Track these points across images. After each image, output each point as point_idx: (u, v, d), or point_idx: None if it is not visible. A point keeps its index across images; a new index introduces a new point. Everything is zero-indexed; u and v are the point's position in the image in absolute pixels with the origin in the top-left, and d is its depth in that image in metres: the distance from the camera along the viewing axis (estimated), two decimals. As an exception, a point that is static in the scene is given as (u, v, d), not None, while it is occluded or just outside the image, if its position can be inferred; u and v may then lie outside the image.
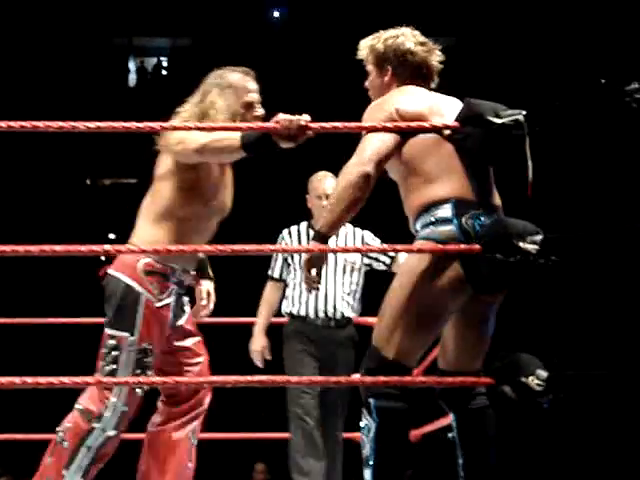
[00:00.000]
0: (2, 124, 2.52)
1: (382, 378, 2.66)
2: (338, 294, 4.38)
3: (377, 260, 4.44)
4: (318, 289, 2.79)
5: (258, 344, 4.41)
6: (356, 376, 3.28)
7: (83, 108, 13.12)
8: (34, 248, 2.49)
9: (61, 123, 2.48)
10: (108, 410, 2.97)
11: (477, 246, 2.60)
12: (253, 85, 3.19)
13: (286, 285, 4.49)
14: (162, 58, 15.72)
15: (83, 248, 2.47)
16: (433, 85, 2.96)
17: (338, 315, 4.38)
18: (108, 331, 3.05)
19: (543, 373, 2.48)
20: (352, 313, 4.43)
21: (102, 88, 14.35)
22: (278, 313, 4.51)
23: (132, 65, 15.66)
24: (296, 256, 4.38)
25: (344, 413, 4.42)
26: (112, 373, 2.99)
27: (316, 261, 2.72)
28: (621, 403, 10.96)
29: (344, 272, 4.40)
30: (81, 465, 2.97)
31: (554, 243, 2.53)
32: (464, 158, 2.76)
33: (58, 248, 2.49)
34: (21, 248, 2.50)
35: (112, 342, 3.02)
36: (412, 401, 2.76)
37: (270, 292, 4.48)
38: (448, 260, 2.68)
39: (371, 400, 2.74)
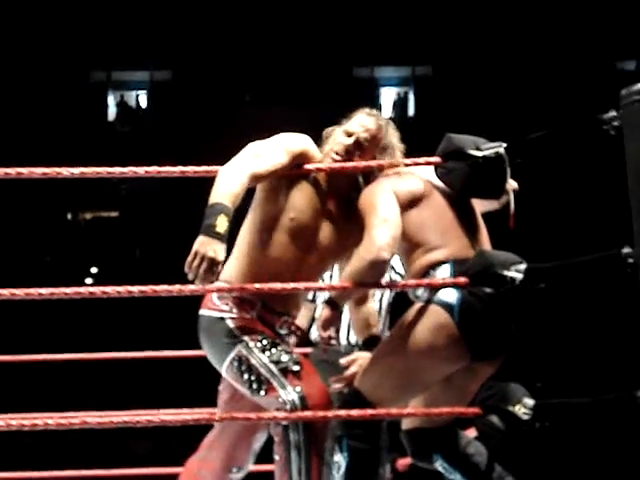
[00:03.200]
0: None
1: (369, 411, 2.67)
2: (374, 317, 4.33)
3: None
4: (334, 344, 2.82)
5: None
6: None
7: (63, 144, 13.14)
8: (19, 292, 2.48)
9: (45, 169, 2.47)
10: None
11: (463, 279, 2.62)
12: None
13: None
14: (141, 92, 15.74)
15: (68, 290, 2.46)
16: None
17: (361, 341, 4.32)
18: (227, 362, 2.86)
19: (529, 401, 2.49)
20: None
21: (81, 123, 14.36)
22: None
23: (111, 99, 15.67)
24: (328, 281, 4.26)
25: None
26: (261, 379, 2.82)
27: (330, 323, 2.76)
28: (605, 430, 10.98)
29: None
30: None
31: (538, 272, 2.56)
32: (456, 210, 2.81)
33: (43, 291, 2.47)
34: (5, 291, 2.48)
35: (235, 363, 2.84)
36: (380, 443, 2.83)
37: (303, 311, 4.22)
38: (446, 325, 2.69)
39: (344, 438, 2.80)
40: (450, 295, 2.69)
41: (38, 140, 13.17)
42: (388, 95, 15.43)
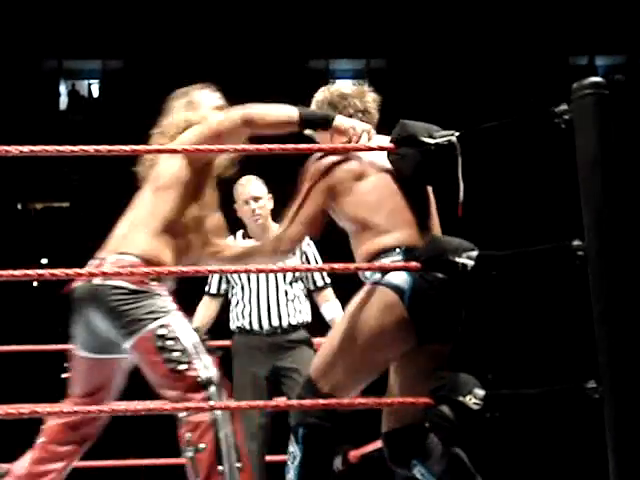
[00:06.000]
0: None
1: (321, 401, 2.66)
2: (281, 303, 4.41)
3: (306, 278, 4.48)
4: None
5: None
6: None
7: (13, 132, 12.97)
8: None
9: (-7, 148, 2.44)
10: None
11: (415, 264, 2.62)
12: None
13: (228, 302, 4.50)
14: (93, 81, 15.59)
15: (17, 273, 2.42)
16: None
17: (284, 324, 4.40)
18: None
19: (480, 392, 2.50)
20: (300, 319, 4.45)
21: (33, 111, 14.20)
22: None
23: (63, 88, 15.51)
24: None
25: None
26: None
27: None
28: (555, 421, 11.09)
29: (284, 281, 4.42)
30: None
31: (490, 260, 2.56)
32: (407, 195, 2.82)
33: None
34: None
35: (161, 331, 2.83)
36: (338, 432, 2.84)
37: (204, 305, 4.49)
38: (395, 306, 2.73)
39: (299, 429, 2.81)
40: (400, 278, 2.73)
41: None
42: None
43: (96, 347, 2.92)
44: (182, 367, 2.77)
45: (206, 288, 4.53)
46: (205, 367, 2.77)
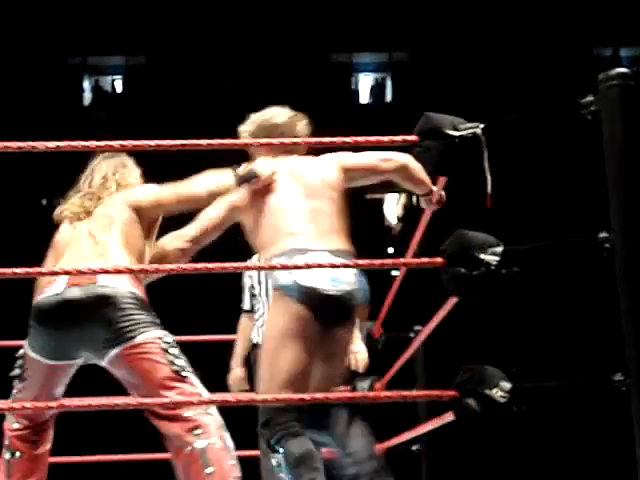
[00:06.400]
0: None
1: (349, 394, 2.66)
2: None
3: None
4: None
5: (235, 376, 4.65)
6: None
7: (39, 129, 13.03)
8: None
9: (20, 143, 2.46)
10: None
11: (440, 259, 2.61)
12: None
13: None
14: (117, 77, 15.64)
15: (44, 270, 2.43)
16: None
17: None
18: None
19: (507, 385, 2.49)
20: None
21: (57, 108, 14.26)
22: None
23: (87, 84, 15.57)
24: (259, 287, 4.58)
25: None
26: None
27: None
28: (579, 415, 11.04)
29: None
30: None
31: (514, 255, 2.55)
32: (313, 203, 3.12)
33: (19, 270, 2.46)
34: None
35: (167, 339, 3.02)
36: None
37: (243, 324, 4.68)
38: (292, 306, 2.98)
39: (273, 441, 2.99)
40: (287, 277, 3.00)
41: (14, 125, 13.05)
42: (365, 81, 15.42)
43: (60, 354, 3.01)
44: (185, 374, 2.94)
45: (241, 305, 4.72)
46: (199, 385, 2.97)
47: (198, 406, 2.90)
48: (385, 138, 2.73)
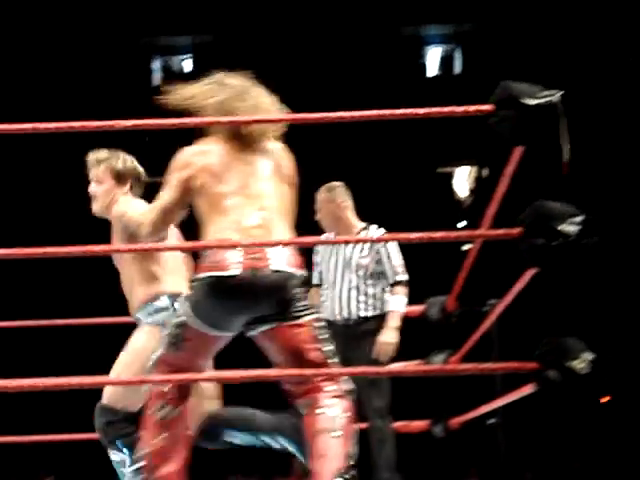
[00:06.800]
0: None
1: (424, 367, 2.65)
2: (352, 297, 4.70)
3: (383, 274, 4.74)
4: None
5: None
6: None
7: (110, 110, 13.18)
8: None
9: (98, 122, 2.48)
10: None
11: (517, 230, 2.58)
12: None
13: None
14: (185, 56, 15.72)
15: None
16: None
17: (354, 316, 4.70)
18: None
19: (588, 356, 2.46)
20: (372, 312, 4.72)
21: (127, 89, 14.40)
22: None
23: (156, 64, 15.68)
24: (323, 264, 4.78)
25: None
26: None
27: None
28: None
29: (357, 277, 4.71)
30: None
31: (594, 224, 2.51)
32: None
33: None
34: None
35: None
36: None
37: (310, 297, 4.74)
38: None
39: (116, 441, 3.44)
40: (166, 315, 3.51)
41: (87, 107, 13.21)
42: (434, 53, 15.30)
43: (228, 327, 3.06)
44: (330, 361, 3.10)
45: (311, 280, 4.83)
46: None
47: (336, 387, 3.05)
48: (459, 109, 2.71)
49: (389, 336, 4.61)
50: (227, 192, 2.98)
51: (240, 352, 3.83)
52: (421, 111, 2.76)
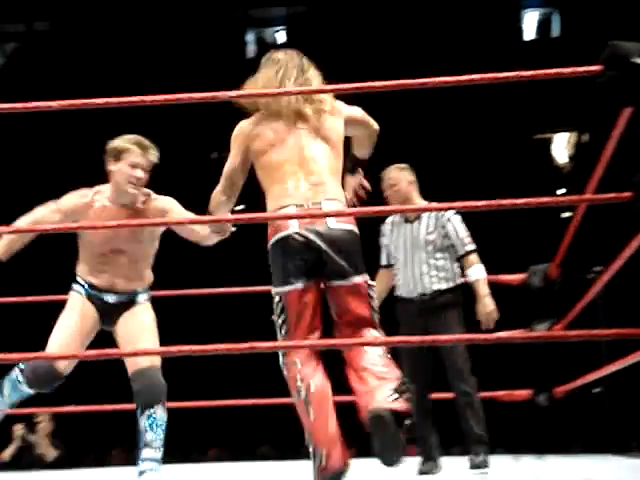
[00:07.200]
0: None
1: (530, 335, 2.60)
2: (424, 272, 4.82)
3: (453, 247, 4.84)
4: None
5: None
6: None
7: (203, 82, 13.30)
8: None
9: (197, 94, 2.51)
10: None
11: (627, 194, 2.50)
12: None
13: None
14: (279, 27, 15.75)
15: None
16: None
17: (428, 291, 4.80)
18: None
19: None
20: (445, 284, 4.82)
21: (221, 61, 14.50)
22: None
23: (250, 37, 15.75)
24: (391, 245, 4.93)
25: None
26: None
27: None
28: None
29: (427, 252, 4.84)
30: None
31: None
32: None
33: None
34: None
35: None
36: None
37: (379, 278, 4.97)
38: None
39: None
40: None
41: (183, 79, 13.35)
42: (531, 17, 15.06)
43: (311, 275, 3.22)
44: (376, 318, 3.24)
45: (380, 262, 5.02)
46: None
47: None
48: (566, 70, 2.64)
49: (485, 303, 4.69)
50: (281, 160, 3.29)
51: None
52: (526, 73, 2.70)
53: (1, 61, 15.64)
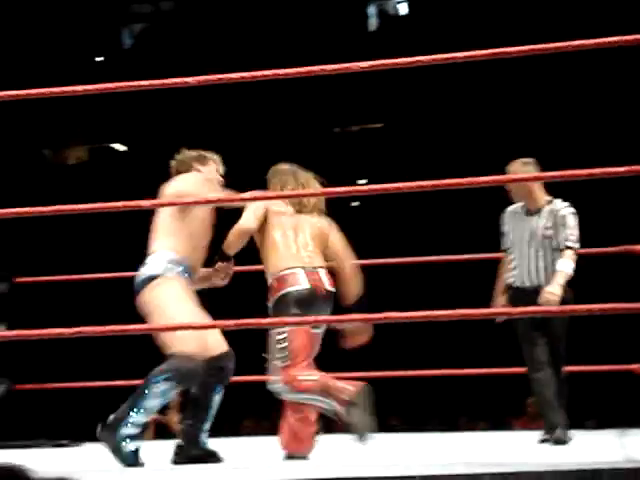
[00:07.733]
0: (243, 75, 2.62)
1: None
2: (540, 266, 4.96)
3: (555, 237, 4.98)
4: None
5: (496, 303, 5.14)
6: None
7: (324, 55, 13.35)
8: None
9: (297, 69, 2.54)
10: None
11: None
12: None
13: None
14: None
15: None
16: None
17: (543, 285, 4.91)
18: None
19: None
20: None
21: (342, 35, 14.51)
22: None
23: (372, 9, 15.71)
24: (511, 233, 5.07)
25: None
26: None
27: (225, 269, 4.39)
28: None
29: (543, 246, 4.96)
30: None
31: None
32: None
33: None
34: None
35: None
36: None
37: (503, 263, 5.17)
38: None
39: None
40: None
41: (296, 52, 13.43)
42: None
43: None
44: None
45: (502, 246, 5.19)
46: None
47: None
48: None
49: (554, 289, 4.80)
50: (284, 237, 4.31)
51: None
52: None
53: (130, 42, 16.03)
